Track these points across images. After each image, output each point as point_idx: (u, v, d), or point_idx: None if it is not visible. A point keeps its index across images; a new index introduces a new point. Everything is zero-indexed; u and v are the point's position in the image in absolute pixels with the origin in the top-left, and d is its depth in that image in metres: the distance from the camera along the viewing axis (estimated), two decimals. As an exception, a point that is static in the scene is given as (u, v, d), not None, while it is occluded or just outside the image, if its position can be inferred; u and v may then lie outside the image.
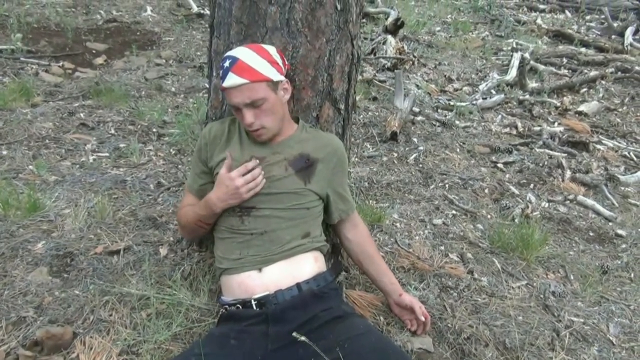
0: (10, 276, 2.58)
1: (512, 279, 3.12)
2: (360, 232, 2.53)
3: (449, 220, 3.64)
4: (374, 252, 2.55)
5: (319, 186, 2.30)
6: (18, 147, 3.93)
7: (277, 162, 2.26)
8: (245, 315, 2.13)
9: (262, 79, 2.10)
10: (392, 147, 4.66)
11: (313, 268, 2.25)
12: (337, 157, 2.36)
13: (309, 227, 2.29)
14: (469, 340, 2.53)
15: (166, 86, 5.49)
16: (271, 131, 2.22)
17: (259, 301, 2.13)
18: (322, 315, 2.10)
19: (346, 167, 2.44)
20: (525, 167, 4.64)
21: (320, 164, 2.31)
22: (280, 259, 2.20)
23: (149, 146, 4.19)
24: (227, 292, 2.26)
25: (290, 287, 2.15)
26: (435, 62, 7.17)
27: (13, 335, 2.25)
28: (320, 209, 2.37)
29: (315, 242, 2.29)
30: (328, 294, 2.21)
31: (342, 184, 2.42)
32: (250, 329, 2.08)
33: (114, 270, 2.67)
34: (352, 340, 1.98)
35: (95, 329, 2.31)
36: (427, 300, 2.73)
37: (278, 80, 2.17)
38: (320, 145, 2.34)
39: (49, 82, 5.29)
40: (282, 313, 2.09)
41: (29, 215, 3.05)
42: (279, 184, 2.23)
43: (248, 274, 2.18)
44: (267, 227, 2.21)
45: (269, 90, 2.13)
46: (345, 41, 2.46)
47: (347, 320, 2.12)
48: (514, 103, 6.21)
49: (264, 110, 2.15)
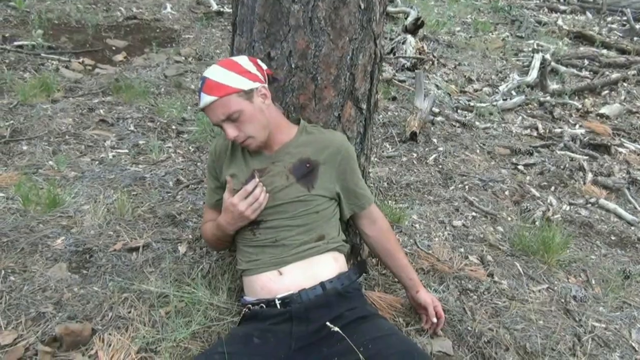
0: (29, 271, 2.58)
1: (533, 283, 3.08)
2: (379, 227, 2.47)
3: (469, 222, 3.61)
4: (393, 247, 2.50)
5: (325, 188, 2.27)
6: (38, 142, 3.95)
7: (279, 172, 2.24)
8: (268, 315, 2.12)
9: (230, 91, 2.08)
10: (411, 148, 4.64)
11: (334, 268, 2.23)
12: (340, 155, 2.30)
13: (322, 230, 2.26)
14: (489, 344, 2.50)
15: (185, 83, 5.49)
16: (258, 139, 2.19)
17: (283, 300, 2.12)
18: (346, 315, 2.09)
19: (354, 162, 2.36)
20: (546, 170, 4.60)
21: (322, 166, 2.27)
22: (295, 260, 2.18)
23: (168, 143, 4.19)
24: (249, 293, 2.25)
25: (314, 287, 2.14)
26: (455, 62, 7.13)
27: (32, 330, 2.25)
28: (333, 209, 2.34)
29: (331, 243, 2.27)
30: (352, 294, 2.21)
31: (352, 179, 2.36)
32: (274, 328, 2.07)
33: (133, 267, 2.67)
34: (377, 341, 1.95)
35: (114, 326, 2.31)
36: (447, 303, 2.70)
37: (250, 88, 2.13)
38: (321, 146, 2.29)
39: (69, 78, 5.31)
40: (306, 312, 2.08)
41: (49, 210, 3.06)
42: (282, 194, 2.22)
43: (268, 276, 2.18)
44: (278, 236, 2.21)
45: (241, 101, 2.11)
46: (369, 40, 2.44)
47: (372, 321, 2.11)
48: (535, 104, 6.16)
49: (243, 122, 2.13)
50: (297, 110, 2.42)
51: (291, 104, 2.42)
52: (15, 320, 2.29)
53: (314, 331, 2.04)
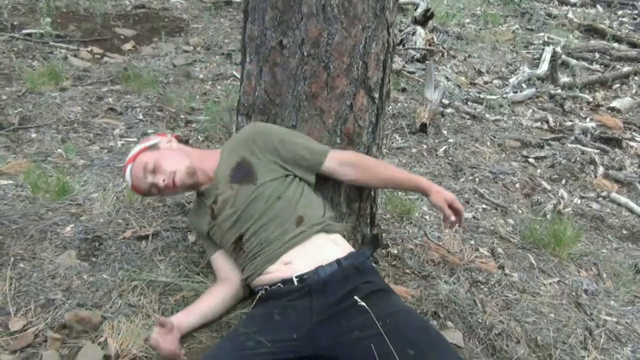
0: (39, 259, 2.57)
1: (544, 276, 3.06)
2: (352, 164, 2.39)
3: (479, 214, 3.59)
4: (379, 170, 2.45)
5: (268, 172, 2.30)
6: (47, 130, 3.94)
7: (225, 191, 2.31)
8: (286, 292, 2.12)
9: (138, 153, 2.38)
10: (421, 139, 4.61)
11: (338, 250, 2.23)
12: (253, 138, 2.34)
13: (296, 213, 2.25)
14: (500, 336, 2.48)
15: (194, 73, 5.47)
16: (182, 170, 2.33)
17: (301, 277, 2.12)
18: (363, 287, 2.08)
19: (275, 134, 2.35)
20: (557, 163, 4.56)
21: (251, 158, 2.31)
22: (286, 250, 2.19)
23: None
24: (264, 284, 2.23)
25: (330, 263, 2.14)
26: (465, 54, 7.08)
27: (42, 317, 2.24)
28: (296, 188, 2.32)
29: (317, 225, 2.25)
30: (368, 269, 2.20)
31: (285, 148, 2.33)
32: (294, 304, 2.08)
33: (142, 256, 2.65)
34: (394, 316, 1.95)
35: (123, 313, 2.31)
36: (457, 295, 2.69)
37: (155, 143, 2.42)
38: (239, 145, 2.37)
39: (77, 67, 5.29)
40: (324, 285, 2.08)
41: (58, 198, 3.05)
42: (239, 202, 2.26)
43: (275, 269, 2.19)
44: (260, 239, 2.23)
45: (149, 153, 2.36)
46: (382, 29, 2.41)
47: (389, 297, 2.11)
48: (545, 97, 6.11)
49: (160, 165, 2.31)
50: (309, 99, 2.39)
51: (303, 92, 2.39)
52: (25, 307, 2.28)
53: (333, 303, 2.03)
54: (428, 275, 2.83)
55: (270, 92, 2.45)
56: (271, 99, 2.45)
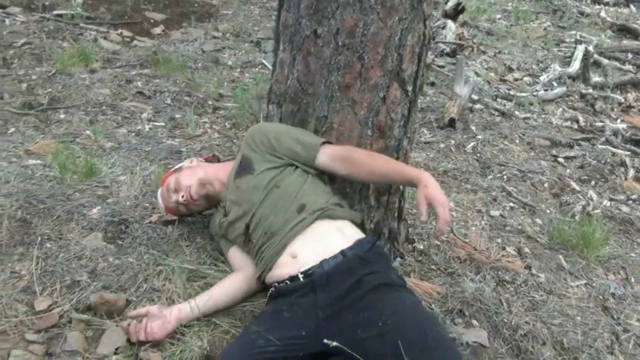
0: (65, 239, 2.57)
1: (571, 277, 3.02)
2: (345, 158, 2.34)
3: (507, 213, 3.55)
4: (364, 159, 2.34)
5: (265, 162, 2.36)
6: (75, 111, 3.94)
7: (232, 188, 2.43)
8: (293, 288, 2.12)
9: (167, 177, 2.64)
10: (449, 134, 4.56)
11: (344, 238, 2.20)
12: (252, 137, 2.44)
13: (298, 201, 2.26)
14: (525, 337, 2.45)
15: (223, 59, 5.45)
16: (196, 183, 2.51)
17: (306, 273, 2.11)
18: (367, 280, 2.05)
19: (272, 131, 2.43)
20: (587, 164, 4.49)
21: (250, 153, 2.41)
22: (290, 239, 2.20)
23: (204, 118, 4.16)
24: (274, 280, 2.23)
25: (335, 255, 2.12)
26: (495, 50, 6.99)
27: (67, 298, 2.25)
28: (298, 177, 2.34)
29: (319, 211, 2.24)
30: (373, 258, 2.16)
31: (281, 144, 2.38)
32: (300, 301, 2.07)
33: (168, 241, 2.65)
34: (396, 316, 1.93)
35: (148, 297, 2.31)
36: (483, 293, 2.65)
37: (179, 167, 2.68)
38: (242, 147, 2.51)
39: (107, 49, 5.29)
40: (327, 279, 2.07)
41: (86, 179, 3.05)
42: (241, 194, 2.36)
43: (282, 263, 2.20)
44: (264, 228, 2.26)
45: (173, 176, 2.59)
46: (418, 21, 2.38)
47: (394, 293, 2.07)
48: (576, 96, 6.01)
49: (179, 184, 2.52)
50: (342, 90, 2.37)
51: (336, 82, 2.37)
52: (50, 287, 2.29)
53: (338, 297, 2.02)
54: (454, 272, 2.80)
55: (303, 81, 2.43)
56: (303, 88, 2.43)
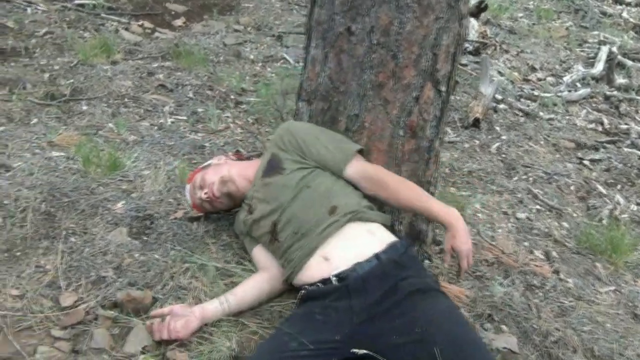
0: (90, 234, 2.55)
1: (599, 283, 2.98)
2: (371, 179, 2.31)
3: (533, 216, 3.50)
4: (393, 186, 2.28)
5: (297, 164, 2.32)
6: (98, 103, 3.91)
7: (259, 186, 2.39)
8: (326, 292, 2.08)
9: (194, 174, 2.65)
10: (473, 134, 4.51)
11: (376, 241, 2.16)
12: (281, 136, 2.41)
13: (329, 202, 2.21)
14: (556, 344, 2.41)
15: (244, 53, 5.40)
16: (219, 179, 2.49)
17: (339, 276, 2.07)
18: (402, 286, 2.02)
19: (302, 134, 2.39)
20: (613, 167, 4.43)
21: (279, 152, 2.37)
22: (322, 241, 2.15)
23: (227, 113, 4.13)
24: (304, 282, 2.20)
25: (369, 259, 2.07)
26: (518, 49, 6.91)
27: (92, 294, 2.22)
28: (329, 178, 2.31)
29: (350, 213, 2.19)
30: (407, 262, 2.12)
31: (310, 150, 2.34)
32: (334, 304, 2.03)
33: (194, 237, 2.61)
34: (432, 323, 1.90)
35: (174, 295, 2.27)
36: (512, 298, 2.61)
37: (207, 164, 2.66)
38: (270, 145, 2.49)
39: (128, 41, 5.26)
40: (363, 283, 2.03)
41: (109, 173, 3.02)
42: (269, 193, 2.32)
43: (314, 264, 2.15)
44: (294, 228, 2.21)
45: (201, 173, 2.58)
46: (454, 20, 2.33)
47: (430, 298, 2.03)
48: (600, 98, 5.94)
49: (203, 181, 2.52)
50: (375, 89, 2.33)
51: (368, 81, 2.33)
52: (76, 283, 2.26)
53: (373, 303, 1.99)
54: (482, 275, 2.76)
55: (335, 79, 2.39)
56: (335, 86, 2.40)
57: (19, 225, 2.52)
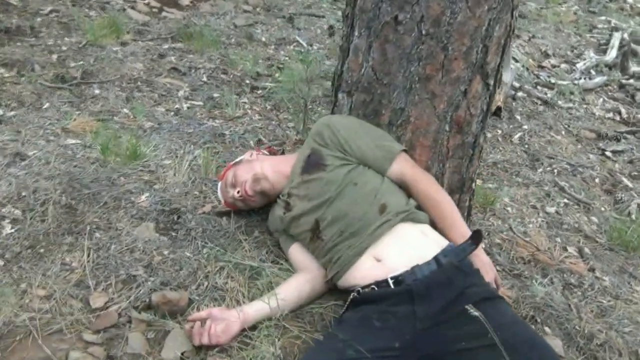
0: (115, 229, 2.43)
1: (635, 282, 2.90)
2: (408, 183, 2.23)
3: (562, 210, 3.41)
4: (431, 199, 2.20)
5: (340, 160, 2.23)
6: (110, 87, 3.77)
7: (298, 182, 2.29)
8: (384, 295, 1.97)
9: (227, 169, 2.56)
10: (495, 123, 4.40)
11: (431, 242, 2.07)
12: (321, 132, 2.31)
13: (379, 200, 2.12)
14: (601, 347, 2.34)
15: (256, 35, 5.25)
16: (252, 177, 2.40)
17: (396, 279, 1.96)
18: (469, 294, 1.91)
19: (343, 130, 2.29)
20: (636, 159, 4.34)
21: (321, 148, 2.28)
22: (374, 240, 2.06)
23: (243, 98, 4.00)
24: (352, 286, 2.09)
25: (428, 262, 1.97)
26: (529, 34, 6.80)
27: (124, 294, 2.12)
28: (375, 175, 2.22)
29: (402, 213, 2.10)
30: (468, 269, 2.02)
31: (352, 146, 2.25)
32: (394, 309, 1.92)
33: (225, 234, 2.50)
34: (503, 328, 1.81)
35: (210, 296, 2.17)
36: (553, 298, 2.53)
37: (239, 160, 2.56)
38: (309, 140, 2.37)
39: (136, 20, 5.09)
40: (427, 289, 1.92)
41: (129, 163, 2.90)
42: (311, 190, 2.22)
43: (365, 265, 2.05)
44: (340, 227, 2.12)
45: (232, 169, 2.49)
46: (507, 11, 2.23)
47: (497, 305, 1.93)
48: (614, 86, 5.84)
49: (238, 179, 2.43)
50: (422, 81, 2.23)
51: (416, 73, 2.23)
52: (105, 282, 2.16)
53: (439, 310, 1.88)
54: (520, 274, 2.67)
55: (379, 70, 2.28)
56: (378, 77, 2.29)
57: (39, 220, 2.40)
